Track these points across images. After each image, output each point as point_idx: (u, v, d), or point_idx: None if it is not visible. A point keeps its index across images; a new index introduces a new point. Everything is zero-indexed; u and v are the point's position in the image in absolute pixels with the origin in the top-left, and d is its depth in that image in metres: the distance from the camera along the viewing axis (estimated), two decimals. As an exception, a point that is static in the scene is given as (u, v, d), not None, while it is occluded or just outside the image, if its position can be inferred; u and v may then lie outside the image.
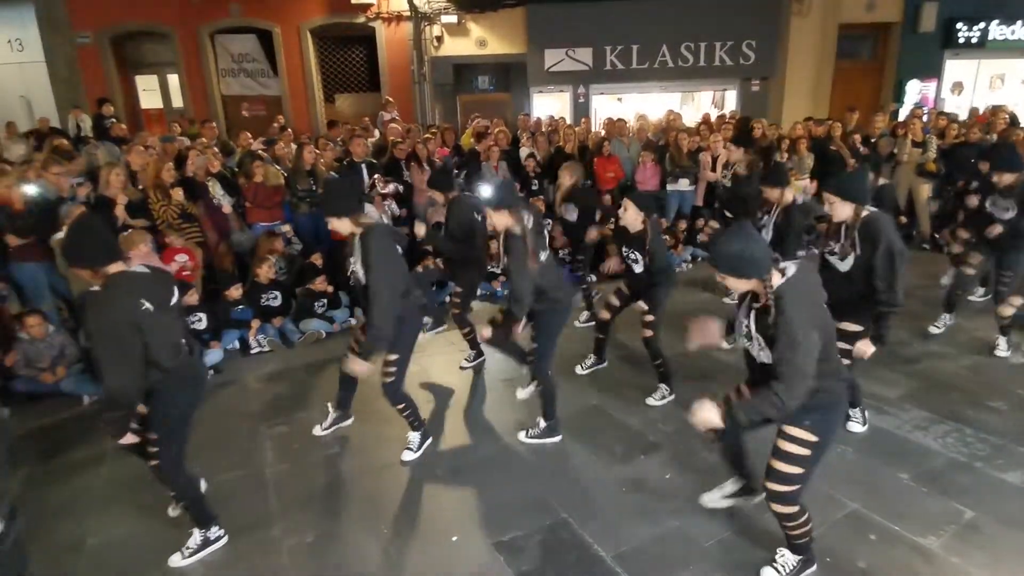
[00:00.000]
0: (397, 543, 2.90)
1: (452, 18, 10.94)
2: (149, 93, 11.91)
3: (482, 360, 4.72)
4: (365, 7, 10.94)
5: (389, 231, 3.38)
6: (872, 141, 7.57)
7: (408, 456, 3.54)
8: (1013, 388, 4.04)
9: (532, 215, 3.40)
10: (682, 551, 2.74)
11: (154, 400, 2.56)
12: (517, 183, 6.42)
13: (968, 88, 12.23)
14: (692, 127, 8.39)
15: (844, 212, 3.18)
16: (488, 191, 3.43)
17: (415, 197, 6.63)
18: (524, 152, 7.52)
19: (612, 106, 11.86)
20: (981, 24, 11.38)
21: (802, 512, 2.40)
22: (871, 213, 3.15)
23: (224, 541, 2.88)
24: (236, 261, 5.82)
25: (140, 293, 2.41)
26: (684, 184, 7.28)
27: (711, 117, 9.59)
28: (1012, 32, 11.50)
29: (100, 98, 9.60)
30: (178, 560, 2.78)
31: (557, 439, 3.67)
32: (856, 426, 3.59)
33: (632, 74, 11.34)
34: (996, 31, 11.46)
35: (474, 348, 4.69)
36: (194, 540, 2.82)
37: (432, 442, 3.67)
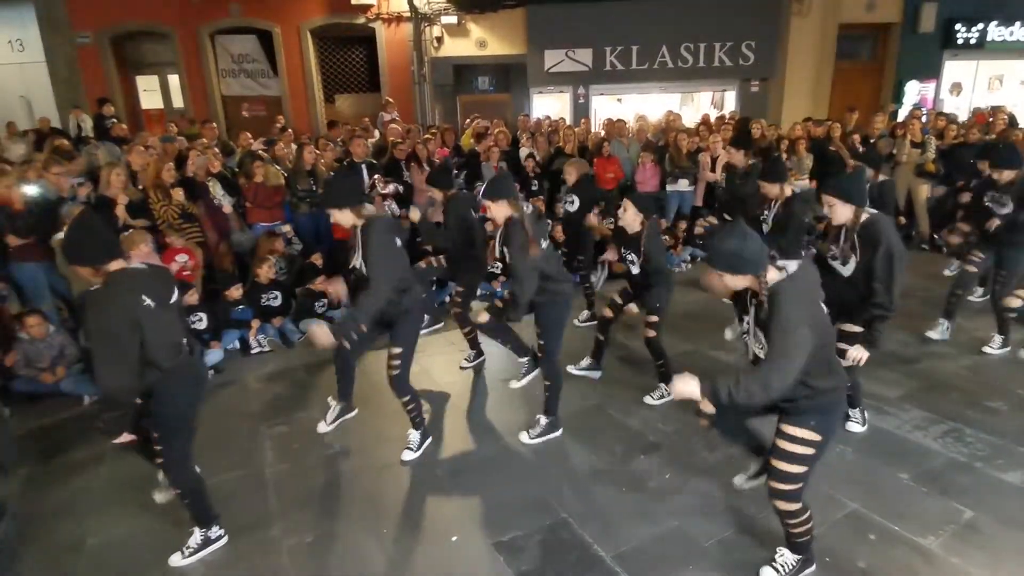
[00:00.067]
0: (397, 543, 2.90)
1: (452, 19, 10.96)
2: (149, 93, 11.92)
3: (482, 360, 4.72)
4: (365, 8, 10.95)
5: (390, 224, 3.38)
6: (871, 142, 7.57)
7: (408, 456, 3.54)
8: (1013, 388, 4.05)
9: (532, 209, 3.43)
10: (682, 551, 2.74)
11: (154, 400, 2.56)
12: (517, 183, 6.43)
13: (967, 89, 12.25)
14: (691, 128, 8.40)
15: (844, 214, 3.17)
16: (486, 186, 3.47)
17: (415, 197, 6.63)
18: (524, 152, 7.53)
19: (612, 107, 11.87)
20: (980, 25, 11.39)
21: (804, 509, 2.42)
22: (871, 216, 3.14)
23: (224, 541, 2.88)
24: (236, 261, 5.83)
25: (141, 289, 2.41)
26: (684, 185, 7.29)
27: (710, 118, 9.60)
28: (1011, 33, 11.51)
29: (100, 98, 9.60)
30: (178, 560, 2.78)
31: (558, 433, 3.69)
32: (856, 426, 3.59)
33: (632, 75, 11.35)
34: (995, 32, 11.48)
35: (474, 348, 4.69)
36: (194, 540, 2.82)
37: (432, 442, 3.67)
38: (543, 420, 3.68)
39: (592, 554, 2.75)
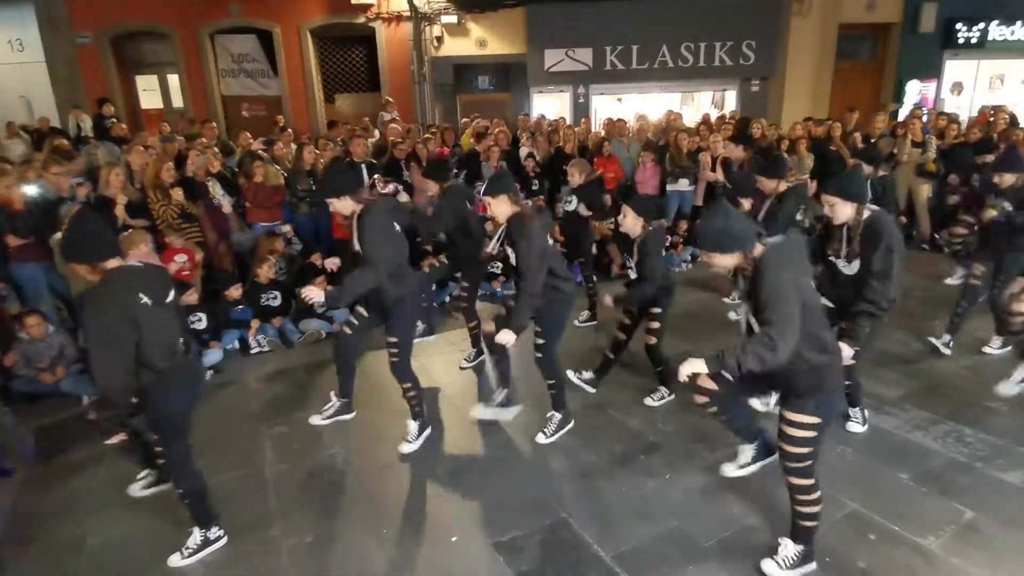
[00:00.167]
0: (397, 543, 2.90)
1: (452, 18, 10.94)
2: (149, 93, 11.91)
3: (482, 359, 4.71)
4: (365, 7, 10.94)
5: (388, 210, 3.41)
6: (872, 141, 7.57)
7: (406, 448, 3.54)
8: (1013, 388, 4.04)
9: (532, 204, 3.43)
10: (682, 551, 2.74)
11: (150, 401, 2.55)
12: (517, 183, 6.43)
13: (968, 88, 12.24)
14: (692, 127, 8.39)
15: (845, 213, 3.16)
16: (486, 184, 3.48)
17: (415, 197, 6.63)
18: (524, 152, 7.53)
19: (612, 106, 11.85)
20: (981, 24, 11.38)
21: (816, 487, 2.46)
22: (873, 213, 3.14)
23: (224, 541, 2.88)
24: (236, 261, 5.83)
25: (138, 287, 2.41)
26: (684, 184, 7.28)
27: (711, 117, 9.59)
28: (1012, 32, 11.50)
29: (100, 98, 9.60)
30: (178, 560, 2.78)
31: (571, 424, 3.72)
32: (856, 426, 3.58)
33: (632, 74, 11.34)
34: (996, 31, 11.46)
35: (475, 346, 4.70)
36: (194, 540, 2.81)
37: (432, 442, 3.67)
38: (556, 417, 3.68)
39: (592, 554, 2.75)
